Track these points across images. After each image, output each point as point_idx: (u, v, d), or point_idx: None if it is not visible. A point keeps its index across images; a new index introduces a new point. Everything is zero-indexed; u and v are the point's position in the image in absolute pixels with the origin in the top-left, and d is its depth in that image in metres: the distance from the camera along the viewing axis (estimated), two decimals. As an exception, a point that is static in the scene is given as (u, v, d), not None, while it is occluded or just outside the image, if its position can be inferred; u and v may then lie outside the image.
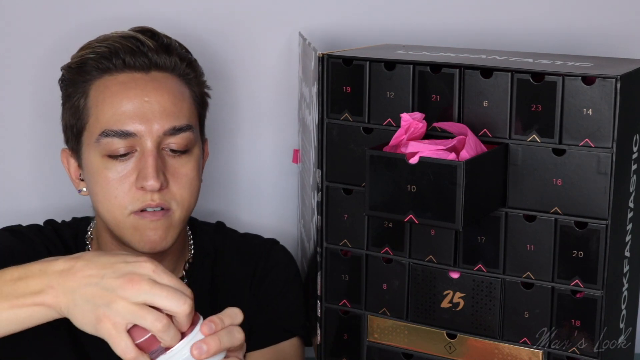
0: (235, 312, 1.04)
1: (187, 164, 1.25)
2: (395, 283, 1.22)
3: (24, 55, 1.53)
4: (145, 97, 1.23)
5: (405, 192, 1.08)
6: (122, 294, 0.98)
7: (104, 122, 1.22)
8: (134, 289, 0.98)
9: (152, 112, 1.22)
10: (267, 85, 1.56)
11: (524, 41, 1.47)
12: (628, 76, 1.09)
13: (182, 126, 1.24)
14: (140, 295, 0.97)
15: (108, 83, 1.24)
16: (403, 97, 1.18)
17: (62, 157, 1.31)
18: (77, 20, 1.50)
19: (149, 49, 1.25)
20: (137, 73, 1.25)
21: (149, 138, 1.22)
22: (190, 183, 1.25)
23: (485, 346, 1.18)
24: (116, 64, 1.24)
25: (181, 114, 1.25)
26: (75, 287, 1.00)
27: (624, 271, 1.17)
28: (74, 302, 0.99)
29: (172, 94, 1.25)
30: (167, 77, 1.26)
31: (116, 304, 0.97)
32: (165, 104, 1.23)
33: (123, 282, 0.98)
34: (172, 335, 0.98)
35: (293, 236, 1.58)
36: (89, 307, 0.98)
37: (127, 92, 1.23)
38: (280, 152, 1.58)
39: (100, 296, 0.98)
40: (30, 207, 1.56)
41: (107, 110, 1.23)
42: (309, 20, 1.52)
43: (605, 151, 1.08)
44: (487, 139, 1.14)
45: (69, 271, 1.01)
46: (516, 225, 1.14)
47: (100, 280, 0.99)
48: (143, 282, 0.98)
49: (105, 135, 1.22)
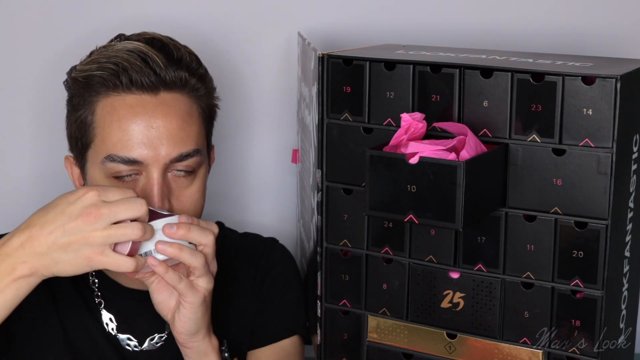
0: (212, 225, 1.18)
1: (192, 185, 1.25)
2: (395, 283, 1.22)
3: (29, 58, 1.53)
4: (153, 123, 1.20)
5: (405, 192, 1.08)
6: (89, 228, 1.08)
7: (110, 145, 1.21)
8: (96, 219, 1.08)
9: (160, 139, 1.20)
10: (266, 85, 1.56)
11: (524, 41, 1.48)
12: (628, 76, 1.09)
13: (190, 152, 1.23)
14: (104, 220, 1.08)
15: (115, 104, 1.22)
16: (403, 97, 1.18)
17: (66, 163, 1.31)
18: (82, 23, 1.51)
19: (157, 66, 1.22)
20: (145, 95, 1.22)
21: (155, 165, 1.20)
22: (195, 203, 1.25)
23: (485, 346, 1.18)
24: (123, 82, 1.21)
25: (189, 139, 1.23)
26: (45, 249, 1.09)
27: (624, 271, 1.17)
28: (54, 260, 1.09)
29: (181, 117, 1.23)
30: (176, 98, 1.23)
31: (92, 239, 1.08)
32: (173, 130, 1.21)
33: (83, 220, 1.08)
34: (150, 231, 1.11)
35: (292, 236, 1.58)
36: (71, 255, 1.08)
37: (134, 118, 1.20)
38: (279, 152, 1.58)
39: (74, 241, 1.08)
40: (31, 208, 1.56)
41: (114, 134, 1.21)
42: (309, 20, 1.52)
43: (605, 151, 1.08)
44: (487, 139, 1.14)
45: (29, 240, 1.09)
46: (516, 225, 1.14)
47: (63, 230, 1.08)
48: (99, 209, 1.08)
49: (111, 160, 1.21)
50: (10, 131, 1.56)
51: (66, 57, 1.31)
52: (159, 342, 1.29)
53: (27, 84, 1.54)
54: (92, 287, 1.30)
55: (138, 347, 1.28)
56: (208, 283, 1.17)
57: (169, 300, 1.19)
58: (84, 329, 1.28)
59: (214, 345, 1.22)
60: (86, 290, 1.30)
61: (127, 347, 1.28)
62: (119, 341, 1.28)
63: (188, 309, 1.17)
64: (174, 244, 1.13)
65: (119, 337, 1.28)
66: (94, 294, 1.30)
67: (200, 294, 1.17)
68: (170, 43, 1.26)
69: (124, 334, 1.28)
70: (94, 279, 1.30)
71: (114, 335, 1.28)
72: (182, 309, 1.17)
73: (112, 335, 1.28)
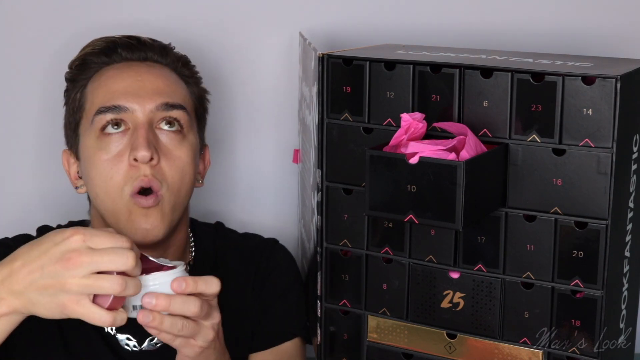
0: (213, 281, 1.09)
1: (180, 145, 1.25)
2: (395, 283, 1.22)
3: (31, 58, 1.53)
4: (139, 77, 1.26)
5: (405, 192, 1.08)
6: (67, 274, 1.00)
7: (97, 102, 1.25)
8: (75, 266, 1.00)
9: (145, 89, 1.25)
10: (268, 85, 1.56)
11: (524, 41, 1.47)
12: (628, 76, 1.09)
13: (175, 103, 1.26)
14: (85, 268, 1.00)
15: (103, 72, 1.28)
16: (403, 97, 1.18)
17: (63, 158, 1.32)
18: (80, 25, 1.50)
19: (146, 45, 1.30)
20: (133, 62, 1.29)
21: (141, 112, 1.23)
22: (183, 167, 1.25)
23: (485, 346, 1.18)
24: (114, 58, 1.28)
25: (175, 94, 1.27)
26: (22, 289, 1.02)
27: (624, 271, 1.17)
28: (30, 300, 1.02)
29: (166, 77, 1.29)
30: (163, 67, 1.30)
31: (68, 286, 1.00)
32: (159, 84, 1.26)
33: (63, 265, 1.00)
34: (134, 287, 1.02)
35: (293, 236, 1.58)
36: (46, 299, 1.01)
37: (121, 75, 1.26)
38: (280, 152, 1.58)
39: (51, 285, 1.01)
40: (32, 207, 1.56)
41: (102, 91, 1.26)
42: (309, 20, 1.52)
43: (605, 151, 1.08)
44: (487, 139, 1.14)
45: (10, 276, 1.03)
46: (516, 225, 1.14)
47: (42, 272, 1.01)
48: (81, 256, 1.00)
49: (99, 112, 1.24)
50: (15, 132, 1.56)
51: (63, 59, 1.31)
52: (158, 342, 1.29)
53: (33, 86, 1.54)
54: None
55: (137, 347, 1.28)
56: (205, 339, 1.09)
57: None
58: (82, 328, 1.28)
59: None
60: None
61: (126, 347, 1.28)
62: (118, 341, 1.28)
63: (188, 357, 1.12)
64: (161, 296, 1.04)
65: (118, 337, 1.28)
66: None
67: (197, 348, 1.10)
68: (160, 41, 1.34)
69: (123, 334, 1.28)
70: None
71: (113, 335, 1.28)
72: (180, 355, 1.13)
73: (111, 335, 1.28)
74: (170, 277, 1.06)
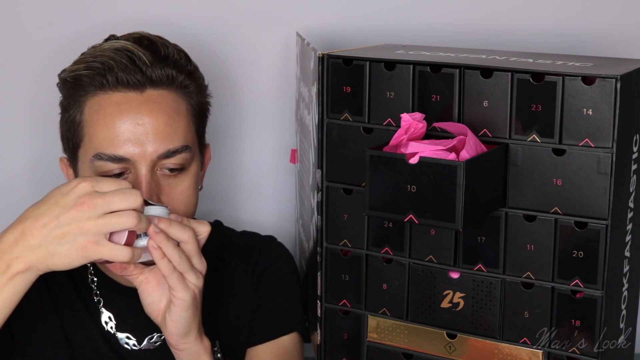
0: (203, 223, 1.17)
1: (182, 182, 1.24)
2: (395, 283, 1.22)
3: (24, 58, 1.53)
4: (139, 120, 1.21)
5: (405, 192, 1.08)
6: (83, 217, 1.05)
7: (97, 144, 1.21)
8: (90, 208, 1.06)
9: (146, 136, 1.21)
10: (265, 85, 1.56)
11: (524, 41, 1.48)
12: (628, 76, 1.09)
13: (177, 148, 1.23)
14: (98, 209, 1.06)
15: (102, 102, 1.22)
16: (403, 97, 1.18)
17: (61, 165, 1.31)
18: (77, 23, 1.50)
19: (143, 64, 1.23)
20: (131, 92, 1.22)
21: (143, 162, 1.20)
22: (186, 200, 1.25)
23: (485, 346, 1.18)
24: (110, 80, 1.22)
25: (176, 135, 1.23)
26: (40, 242, 1.07)
27: (624, 271, 1.17)
28: (49, 252, 1.06)
29: (167, 114, 1.23)
30: (163, 95, 1.24)
31: (86, 228, 1.05)
32: (160, 126, 1.21)
33: (77, 210, 1.06)
34: (145, 220, 1.09)
35: (291, 236, 1.58)
36: (66, 246, 1.06)
37: (120, 115, 1.21)
38: (278, 152, 1.58)
39: (68, 232, 1.06)
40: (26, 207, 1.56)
41: (101, 132, 1.21)
42: (307, 20, 1.52)
43: (605, 151, 1.08)
44: (487, 139, 1.14)
45: (22, 234, 1.07)
46: (516, 225, 1.14)
47: (57, 221, 1.06)
48: (93, 199, 1.06)
49: (99, 159, 1.21)
50: (8, 134, 1.56)
51: (65, 61, 1.31)
52: (157, 340, 1.29)
53: (22, 83, 1.54)
54: (91, 285, 1.30)
55: (137, 346, 1.28)
56: (197, 279, 1.15)
57: (159, 301, 1.18)
58: (83, 327, 1.28)
59: (206, 347, 1.21)
60: (85, 289, 1.30)
61: (126, 346, 1.28)
62: (118, 340, 1.28)
63: (178, 306, 1.15)
64: (162, 218, 1.13)
65: (118, 335, 1.28)
66: (93, 292, 1.30)
67: (190, 290, 1.15)
68: (159, 41, 1.27)
69: (123, 333, 1.28)
70: (93, 277, 1.30)
71: (113, 334, 1.28)
72: (173, 308, 1.16)
73: (111, 333, 1.28)
74: (165, 210, 1.15)
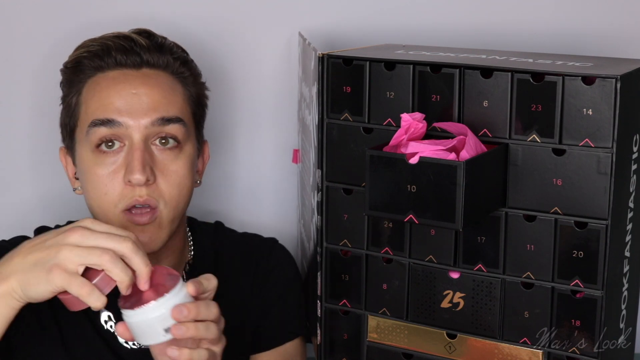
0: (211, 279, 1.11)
1: (177, 159, 1.24)
2: (395, 283, 1.22)
3: (25, 54, 1.53)
4: (134, 90, 1.23)
5: (405, 192, 1.08)
6: (65, 241, 1.03)
7: (91, 113, 1.23)
8: (75, 234, 1.04)
9: (140, 104, 1.22)
10: (267, 85, 1.56)
11: (524, 41, 1.47)
12: (628, 76, 1.09)
13: (171, 117, 1.23)
14: (83, 239, 1.03)
15: (99, 80, 1.25)
16: (403, 97, 1.18)
17: (60, 155, 1.32)
18: (78, 20, 1.50)
19: (142, 48, 1.26)
20: (128, 70, 1.25)
21: (137, 130, 1.21)
22: (180, 181, 1.24)
23: (485, 346, 1.18)
24: (108, 62, 1.25)
25: (171, 106, 1.24)
26: (19, 262, 1.05)
27: (624, 271, 1.17)
28: (24, 275, 1.04)
29: (163, 88, 1.25)
30: (159, 74, 1.26)
31: (62, 252, 1.03)
32: (154, 97, 1.23)
33: (64, 235, 1.04)
34: (121, 268, 1.03)
35: (293, 236, 1.58)
36: (38, 268, 1.03)
37: (116, 86, 1.23)
38: (280, 152, 1.58)
39: (47, 254, 1.03)
40: (30, 209, 1.56)
41: (96, 102, 1.23)
42: (309, 20, 1.52)
43: (605, 151, 1.08)
44: (487, 139, 1.14)
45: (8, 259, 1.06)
46: (516, 225, 1.14)
47: (43, 245, 1.05)
48: (83, 229, 1.04)
49: (93, 125, 1.22)
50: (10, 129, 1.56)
51: (66, 57, 1.31)
52: None
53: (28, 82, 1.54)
54: None
55: (136, 346, 1.28)
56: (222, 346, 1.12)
57: None
58: (81, 326, 1.28)
59: None
60: None
61: (125, 346, 1.28)
62: (117, 340, 1.28)
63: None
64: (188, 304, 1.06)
65: None
66: None
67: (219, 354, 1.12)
68: (158, 34, 1.30)
69: None
70: None
71: (112, 333, 1.28)
72: None
73: (110, 333, 1.28)
74: (183, 289, 1.06)
